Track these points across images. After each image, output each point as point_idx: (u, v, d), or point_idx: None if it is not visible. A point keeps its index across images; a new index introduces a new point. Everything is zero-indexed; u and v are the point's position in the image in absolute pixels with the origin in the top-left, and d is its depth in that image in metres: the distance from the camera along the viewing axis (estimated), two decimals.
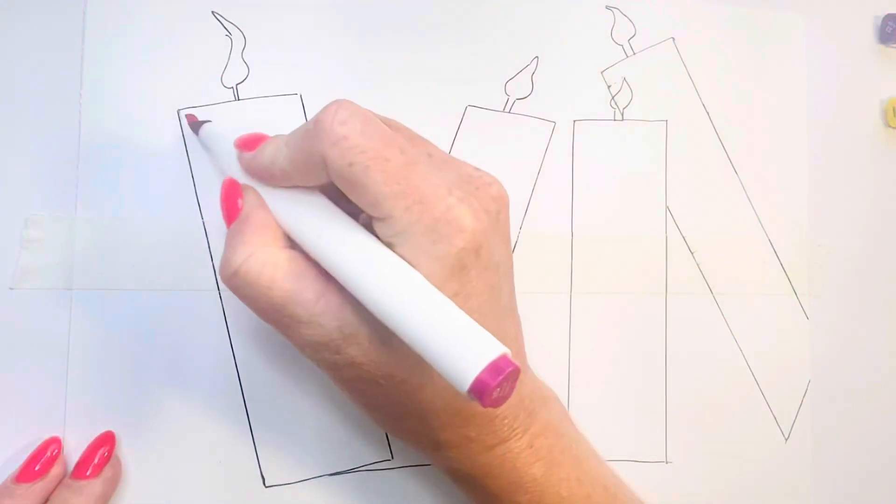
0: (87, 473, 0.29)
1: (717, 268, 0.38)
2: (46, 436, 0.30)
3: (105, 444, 0.30)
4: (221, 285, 0.32)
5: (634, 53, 0.38)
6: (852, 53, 0.42)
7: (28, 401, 0.30)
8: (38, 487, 0.28)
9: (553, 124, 0.37)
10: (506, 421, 0.27)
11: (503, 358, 0.20)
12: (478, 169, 0.26)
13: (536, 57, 0.37)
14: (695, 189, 0.39)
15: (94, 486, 0.29)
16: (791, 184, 0.40)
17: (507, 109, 0.36)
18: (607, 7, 0.38)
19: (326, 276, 0.24)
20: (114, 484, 0.30)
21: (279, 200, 0.26)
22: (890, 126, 0.42)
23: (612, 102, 0.38)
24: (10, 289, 0.30)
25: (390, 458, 0.33)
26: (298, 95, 0.33)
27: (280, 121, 0.33)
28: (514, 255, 0.35)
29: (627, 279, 0.37)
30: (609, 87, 0.38)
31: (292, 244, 0.25)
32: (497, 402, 0.20)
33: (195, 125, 0.31)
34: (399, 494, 0.33)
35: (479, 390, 0.20)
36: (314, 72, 0.34)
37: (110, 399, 0.31)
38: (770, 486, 0.38)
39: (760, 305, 0.39)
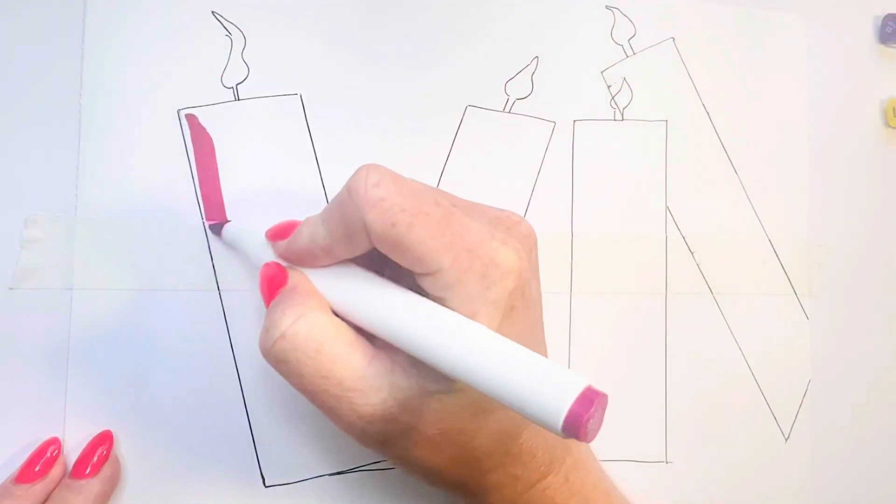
0: (86, 472, 0.29)
1: (717, 268, 0.38)
2: (46, 436, 0.30)
3: (103, 443, 0.30)
4: (221, 285, 0.32)
5: (634, 53, 0.38)
6: (852, 53, 0.42)
7: (28, 401, 0.30)
8: (38, 488, 0.28)
9: (553, 124, 0.37)
10: (546, 456, 0.27)
11: (589, 388, 0.20)
12: (502, 210, 0.26)
13: (536, 57, 0.37)
14: (695, 189, 0.39)
15: (93, 485, 0.29)
16: (791, 184, 0.40)
17: (507, 109, 0.36)
18: (607, 7, 0.38)
19: (373, 343, 0.24)
20: (113, 483, 0.30)
21: (320, 277, 0.26)
22: (890, 126, 0.42)
23: (612, 102, 0.38)
24: (10, 289, 0.30)
25: None
26: (298, 95, 0.34)
27: (280, 121, 0.33)
28: None
29: (627, 279, 0.37)
30: (609, 87, 0.38)
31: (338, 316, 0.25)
32: (592, 435, 0.20)
33: (216, 227, 0.32)
34: (399, 494, 0.33)
35: (574, 424, 0.19)
36: (314, 72, 0.34)
37: (110, 399, 0.31)
38: (770, 485, 0.38)
39: (760, 305, 0.39)
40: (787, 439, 0.39)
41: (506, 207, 0.36)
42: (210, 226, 0.32)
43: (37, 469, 0.29)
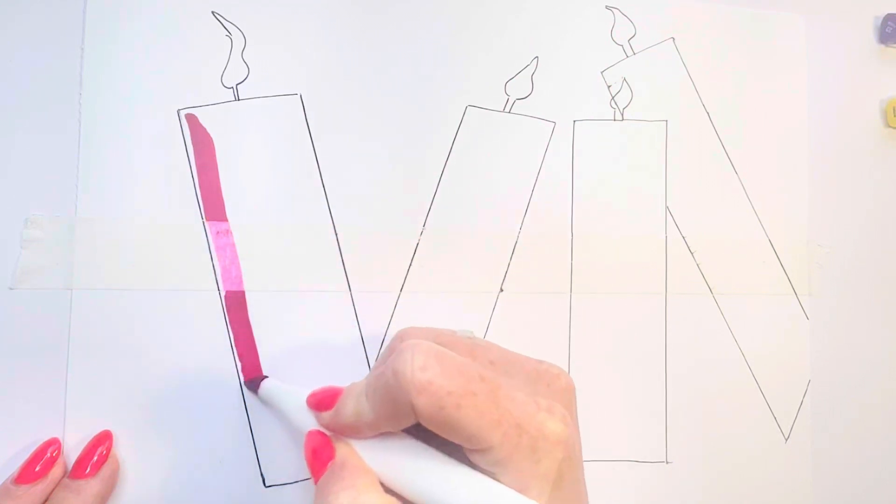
0: (86, 472, 0.29)
1: (717, 268, 0.39)
2: (46, 436, 0.30)
3: (102, 443, 0.30)
4: (221, 285, 0.32)
5: (634, 53, 0.39)
6: (852, 53, 0.42)
7: (28, 400, 0.30)
8: (38, 489, 0.28)
9: (553, 124, 0.37)
10: None
11: None
12: (540, 361, 0.26)
13: (536, 57, 0.37)
14: (695, 189, 0.39)
15: (93, 485, 0.29)
16: (791, 184, 0.41)
17: (507, 109, 0.36)
18: (607, 7, 0.38)
19: None
20: (112, 483, 0.30)
21: (368, 448, 0.25)
22: (890, 126, 0.42)
23: (612, 102, 0.38)
24: (10, 289, 0.30)
25: None
26: (298, 95, 0.34)
27: (280, 121, 0.33)
28: (515, 255, 0.36)
29: (627, 279, 0.37)
30: (609, 87, 0.38)
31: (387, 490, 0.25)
32: None
33: (252, 384, 0.32)
34: None
35: None
36: (314, 72, 0.34)
37: (110, 399, 0.31)
38: (770, 485, 0.38)
39: (760, 305, 0.39)
40: (786, 439, 0.39)
41: (507, 209, 0.36)
42: (246, 382, 0.32)
43: (37, 469, 0.29)
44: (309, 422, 0.27)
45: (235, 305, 0.32)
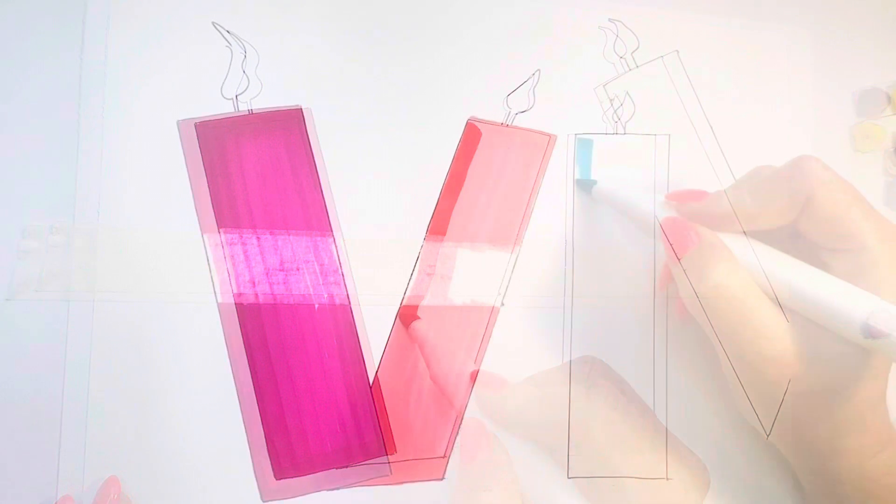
0: None
1: None
2: (43, 441, 0.30)
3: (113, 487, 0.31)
4: (219, 296, 0.32)
5: (637, 66, 0.38)
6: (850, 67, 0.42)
7: (25, 404, 0.30)
8: None
9: (554, 137, 0.37)
10: (886, 434, 0.31)
11: None
12: None
13: (538, 70, 0.37)
14: None
15: None
16: None
17: (508, 122, 0.36)
18: (610, 20, 0.38)
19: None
20: None
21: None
22: (857, 150, 0.42)
23: (614, 116, 0.38)
24: (7, 300, 0.30)
25: (389, 473, 0.34)
26: (301, 107, 0.34)
27: (283, 131, 0.33)
28: (515, 262, 0.36)
29: (622, 285, 0.38)
30: (611, 100, 0.38)
31: None
32: None
33: (583, 183, 0.37)
34: None
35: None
36: (317, 84, 0.34)
37: (110, 405, 0.31)
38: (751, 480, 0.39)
39: (744, 309, 0.39)
40: (767, 436, 0.39)
41: (507, 219, 0.36)
42: (578, 180, 0.37)
43: None
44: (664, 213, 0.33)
45: (231, 314, 0.32)
